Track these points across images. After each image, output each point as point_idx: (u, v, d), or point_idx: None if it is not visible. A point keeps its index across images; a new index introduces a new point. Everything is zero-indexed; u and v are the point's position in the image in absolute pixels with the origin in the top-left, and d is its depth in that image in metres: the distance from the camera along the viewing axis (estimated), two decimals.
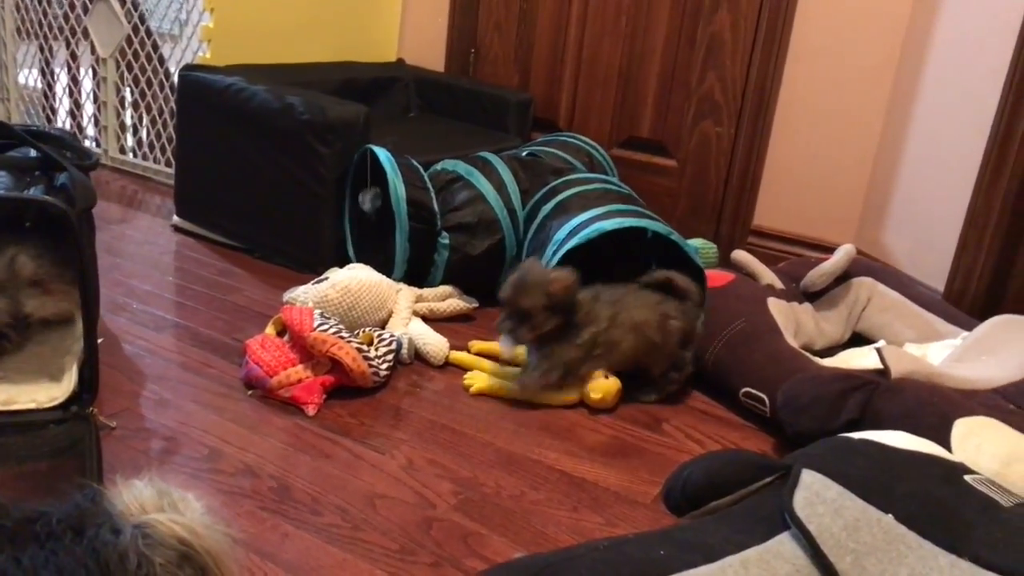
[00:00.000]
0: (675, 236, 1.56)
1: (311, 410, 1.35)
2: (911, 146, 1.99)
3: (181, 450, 1.22)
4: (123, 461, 1.17)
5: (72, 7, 2.61)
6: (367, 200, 1.83)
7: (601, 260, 1.59)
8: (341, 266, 1.72)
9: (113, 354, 1.47)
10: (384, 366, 1.44)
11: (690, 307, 1.49)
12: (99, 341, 1.33)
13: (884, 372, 1.34)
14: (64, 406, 1.23)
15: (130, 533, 0.77)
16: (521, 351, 1.51)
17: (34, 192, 1.23)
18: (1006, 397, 1.31)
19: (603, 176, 1.91)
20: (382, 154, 1.80)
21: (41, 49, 2.76)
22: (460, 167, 1.89)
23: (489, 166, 1.89)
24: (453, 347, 1.58)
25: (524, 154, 2.07)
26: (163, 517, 0.80)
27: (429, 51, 2.71)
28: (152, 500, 0.82)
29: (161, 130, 2.52)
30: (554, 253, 1.59)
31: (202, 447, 1.23)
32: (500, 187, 1.85)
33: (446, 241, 1.80)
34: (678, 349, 1.48)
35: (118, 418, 1.28)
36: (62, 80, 2.78)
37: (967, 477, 0.96)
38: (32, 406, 1.22)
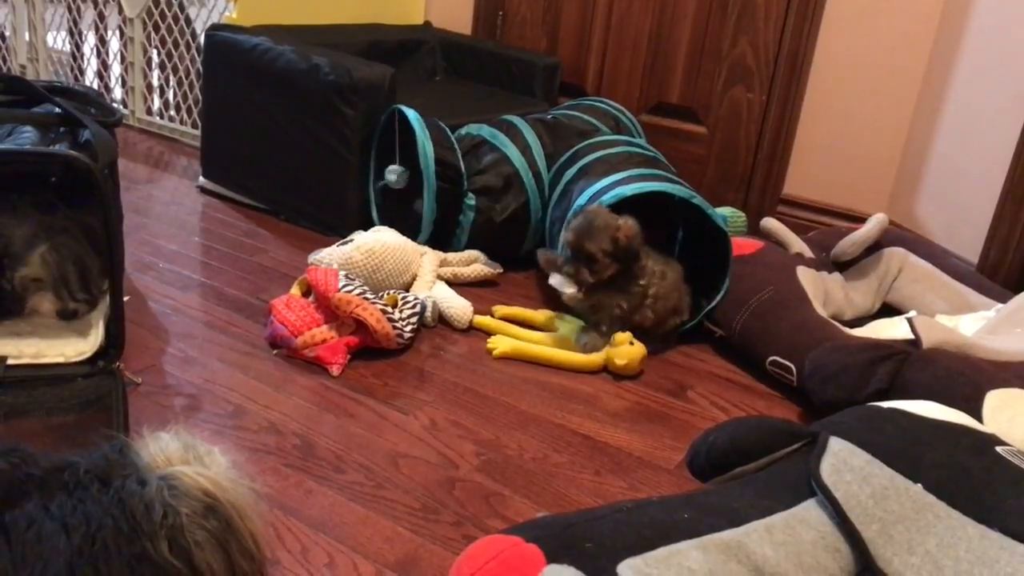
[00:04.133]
0: (697, 200, 1.54)
1: (335, 370, 1.35)
2: (947, 115, 1.94)
3: (206, 407, 1.23)
4: (148, 416, 1.19)
5: None
6: (394, 175, 1.82)
7: None
8: (366, 229, 1.71)
9: (139, 312, 1.48)
10: (408, 328, 1.44)
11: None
12: (125, 299, 1.34)
13: (915, 342, 1.31)
14: (91, 360, 1.25)
15: (156, 484, 0.78)
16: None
17: (59, 148, 1.23)
18: None
19: (628, 138, 1.88)
20: (411, 114, 1.79)
21: (69, 10, 2.77)
22: (484, 130, 1.87)
23: (514, 128, 1.87)
24: (477, 312, 1.58)
25: (549, 117, 2.05)
26: (188, 469, 0.80)
27: (456, 14, 2.68)
28: (178, 453, 0.83)
29: (188, 91, 2.52)
30: None
31: (227, 404, 1.24)
32: (525, 149, 1.83)
33: (472, 202, 1.78)
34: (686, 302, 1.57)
35: (144, 375, 1.29)
36: (90, 41, 2.78)
37: (998, 448, 0.94)
38: (60, 360, 1.24)
